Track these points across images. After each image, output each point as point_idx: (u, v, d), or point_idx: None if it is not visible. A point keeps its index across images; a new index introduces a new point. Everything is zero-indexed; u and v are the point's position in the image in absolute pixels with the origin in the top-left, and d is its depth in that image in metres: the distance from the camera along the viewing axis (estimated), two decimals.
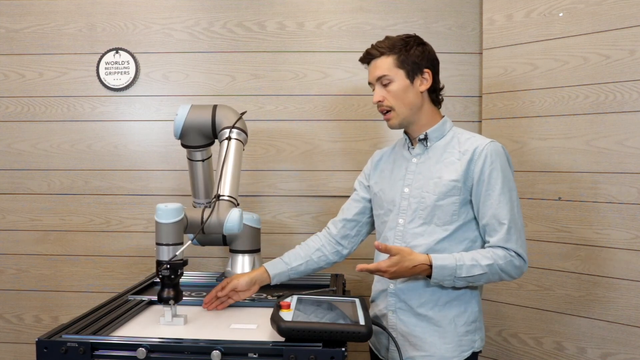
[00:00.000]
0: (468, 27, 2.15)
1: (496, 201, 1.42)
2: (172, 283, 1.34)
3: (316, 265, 1.65)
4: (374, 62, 1.49)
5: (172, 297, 1.34)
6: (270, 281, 1.57)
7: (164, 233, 1.33)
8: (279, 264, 1.60)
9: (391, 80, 1.46)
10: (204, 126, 1.60)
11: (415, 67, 1.47)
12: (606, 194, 1.80)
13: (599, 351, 1.83)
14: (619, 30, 1.76)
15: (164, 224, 1.32)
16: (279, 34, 2.19)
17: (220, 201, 1.46)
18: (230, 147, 1.54)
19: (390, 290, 1.51)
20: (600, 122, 1.81)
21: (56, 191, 2.25)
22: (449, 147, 1.49)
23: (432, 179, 1.47)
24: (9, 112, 2.25)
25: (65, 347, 1.16)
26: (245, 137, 1.61)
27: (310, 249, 1.65)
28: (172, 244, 1.33)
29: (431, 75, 1.49)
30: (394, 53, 1.46)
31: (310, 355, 1.13)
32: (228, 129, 1.57)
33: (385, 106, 1.48)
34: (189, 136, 1.62)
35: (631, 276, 1.76)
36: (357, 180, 1.71)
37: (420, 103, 1.49)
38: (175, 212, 1.33)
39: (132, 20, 2.21)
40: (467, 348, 1.47)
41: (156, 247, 1.34)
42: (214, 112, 1.60)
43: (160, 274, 1.33)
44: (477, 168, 1.43)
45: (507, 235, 1.40)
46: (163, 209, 1.33)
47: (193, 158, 1.70)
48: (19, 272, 2.27)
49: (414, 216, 1.48)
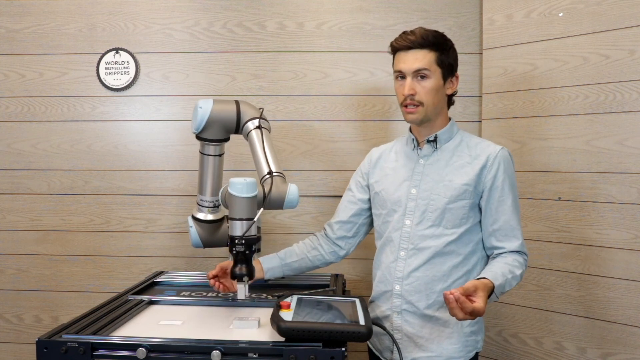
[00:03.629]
0: (468, 27, 2.15)
1: (510, 208, 1.46)
2: (245, 259, 1.33)
3: (311, 264, 1.65)
4: (413, 52, 1.43)
5: (245, 273, 1.33)
6: (263, 275, 1.58)
7: (239, 207, 1.30)
8: (273, 258, 1.62)
9: (428, 76, 1.43)
10: (229, 120, 1.57)
11: (450, 68, 1.47)
12: (606, 194, 1.80)
13: (599, 351, 1.83)
14: (619, 30, 1.76)
15: (241, 198, 1.30)
16: (279, 34, 2.19)
17: (276, 177, 1.43)
18: (264, 134, 1.53)
19: (396, 291, 1.50)
20: (600, 122, 1.81)
21: (56, 191, 2.25)
22: (458, 151, 1.50)
23: (443, 181, 1.47)
24: (9, 112, 2.25)
25: (65, 347, 1.16)
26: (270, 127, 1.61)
27: (306, 247, 1.66)
28: (245, 218, 1.31)
29: (457, 80, 1.51)
30: (437, 50, 1.44)
31: (310, 355, 1.13)
32: (257, 119, 1.55)
33: (416, 100, 1.45)
34: (210, 130, 1.59)
35: (631, 276, 1.76)
36: (352, 179, 1.69)
37: (443, 105, 1.50)
38: (252, 186, 1.31)
39: (132, 20, 2.21)
40: (472, 348, 1.48)
41: (229, 222, 1.32)
42: (238, 107, 1.59)
43: (234, 249, 1.31)
44: (491, 175, 1.45)
45: (522, 241, 1.47)
46: (241, 182, 1.30)
47: (206, 152, 1.67)
48: (19, 272, 2.27)
49: (422, 218, 1.48)
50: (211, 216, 1.63)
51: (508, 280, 1.38)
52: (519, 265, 1.44)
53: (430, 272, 1.46)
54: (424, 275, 1.47)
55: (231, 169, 2.15)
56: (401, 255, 1.50)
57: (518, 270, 1.42)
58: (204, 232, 1.69)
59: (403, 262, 1.49)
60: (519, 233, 1.47)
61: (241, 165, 2.18)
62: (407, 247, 1.49)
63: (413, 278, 1.48)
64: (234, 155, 2.13)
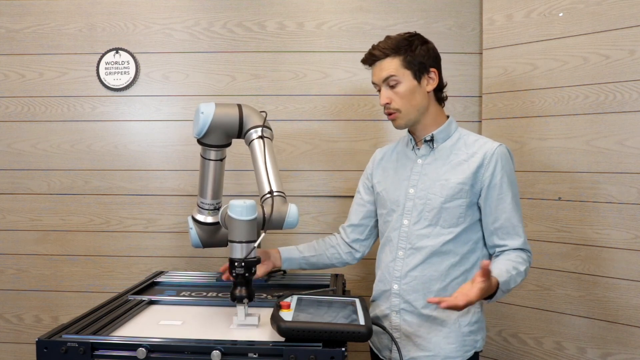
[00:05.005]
0: (468, 27, 2.15)
1: (510, 205, 1.45)
2: (245, 281, 1.33)
3: (328, 261, 1.69)
4: (378, 63, 1.47)
5: (245, 295, 1.32)
6: (280, 264, 1.62)
7: (239, 230, 1.30)
8: (292, 250, 1.65)
9: (398, 82, 1.45)
10: (231, 126, 1.54)
11: (421, 67, 1.46)
12: (606, 194, 1.80)
13: (599, 351, 1.83)
14: (619, 30, 1.76)
15: (240, 221, 1.30)
16: (279, 34, 2.19)
17: (276, 197, 1.42)
18: (267, 145, 1.51)
19: (394, 290, 1.50)
20: (600, 122, 1.81)
21: (56, 191, 2.25)
22: (455, 149, 1.49)
23: (439, 180, 1.47)
24: (9, 112, 2.25)
25: (65, 347, 1.16)
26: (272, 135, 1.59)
27: (325, 245, 1.70)
28: (245, 241, 1.31)
29: (437, 74, 1.49)
30: (400, 54, 1.45)
31: (310, 355, 1.13)
32: (260, 128, 1.52)
33: (393, 108, 1.47)
34: (212, 135, 1.56)
35: (631, 276, 1.76)
36: (360, 181, 1.71)
37: (427, 103, 1.49)
38: (252, 209, 1.31)
39: (132, 20, 2.21)
40: (470, 348, 1.48)
41: (230, 245, 1.32)
42: (240, 112, 1.56)
43: (234, 272, 1.31)
44: (488, 173, 1.44)
45: (524, 238, 1.47)
46: (241, 205, 1.29)
47: (207, 157, 1.65)
48: (19, 272, 2.27)
49: (419, 217, 1.48)
50: (211, 218, 1.63)
51: (513, 276, 1.36)
52: (523, 261, 1.43)
53: (427, 272, 1.46)
54: (421, 274, 1.47)
55: (232, 169, 2.15)
56: (399, 254, 1.50)
57: (522, 266, 1.41)
58: (203, 234, 1.69)
59: (401, 261, 1.50)
60: (520, 230, 1.46)
61: (242, 166, 2.18)
62: (405, 247, 1.49)
63: (410, 277, 1.48)
64: (235, 155, 2.13)
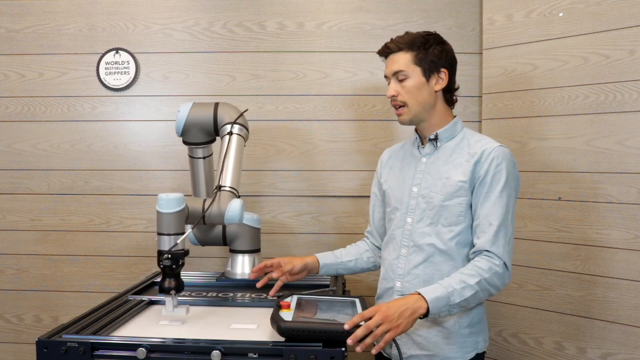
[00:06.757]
0: (468, 27, 2.15)
1: (491, 203, 1.41)
2: (173, 273, 1.34)
3: (365, 265, 1.70)
4: (392, 56, 1.50)
5: (173, 287, 1.34)
6: (318, 270, 1.62)
7: (165, 223, 1.33)
8: (329, 256, 1.66)
9: (407, 77, 1.47)
10: (206, 123, 1.61)
11: (432, 65, 1.47)
12: (606, 194, 1.80)
13: (599, 351, 1.83)
14: (619, 30, 1.76)
15: (166, 214, 1.32)
16: (279, 34, 2.19)
17: (222, 192, 1.46)
18: (231, 141, 1.56)
19: (397, 288, 1.51)
20: (600, 122, 1.81)
21: (56, 191, 2.25)
22: (458, 149, 1.50)
23: (440, 179, 1.47)
24: (9, 112, 2.25)
25: (65, 347, 1.15)
26: (246, 133, 1.62)
27: (361, 249, 1.71)
28: (173, 233, 1.33)
29: (447, 75, 1.49)
30: (413, 50, 1.47)
31: (310, 355, 1.13)
32: (229, 124, 1.58)
33: (399, 101, 1.48)
34: (191, 133, 1.63)
35: (631, 276, 1.76)
36: (373, 182, 1.72)
37: (433, 102, 1.50)
38: (176, 202, 1.34)
39: (132, 20, 2.21)
40: (470, 349, 1.48)
41: (157, 237, 1.34)
42: (215, 109, 1.61)
43: (161, 263, 1.33)
44: (482, 170, 1.43)
45: (494, 237, 1.38)
46: (165, 198, 1.33)
47: (194, 155, 1.70)
48: (19, 272, 2.27)
49: (422, 216, 1.49)
50: None
51: (456, 290, 1.30)
52: (477, 273, 1.33)
53: (429, 270, 1.46)
54: (423, 273, 1.47)
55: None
56: (402, 252, 1.51)
57: (472, 279, 1.32)
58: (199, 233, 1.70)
59: (404, 259, 1.50)
60: (493, 229, 1.37)
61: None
62: (408, 245, 1.50)
63: (413, 275, 1.48)
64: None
